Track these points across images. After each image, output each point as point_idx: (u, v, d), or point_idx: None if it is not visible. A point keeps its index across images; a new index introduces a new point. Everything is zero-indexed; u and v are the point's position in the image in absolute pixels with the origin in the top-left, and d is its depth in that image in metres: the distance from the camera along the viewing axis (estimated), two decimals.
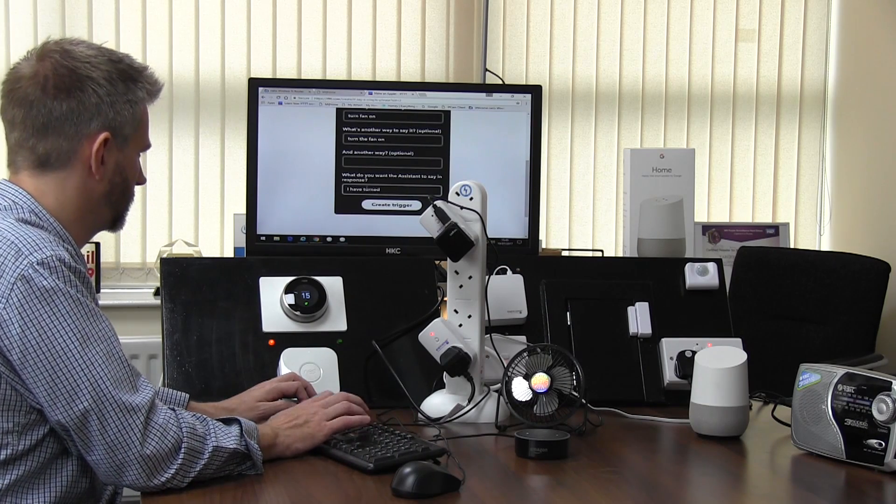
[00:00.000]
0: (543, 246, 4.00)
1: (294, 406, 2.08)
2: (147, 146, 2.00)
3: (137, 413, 1.75)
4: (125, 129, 1.91)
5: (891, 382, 1.93)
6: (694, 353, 2.29)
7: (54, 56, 1.88)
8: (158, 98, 1.99)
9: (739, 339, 2.44)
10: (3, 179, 1.92)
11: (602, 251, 4.13)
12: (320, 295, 2.40)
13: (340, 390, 2.29)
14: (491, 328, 2.32)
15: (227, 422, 1.88)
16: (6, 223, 1.81)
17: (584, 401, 2.17)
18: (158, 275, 2.49)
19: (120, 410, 1.75)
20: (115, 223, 2.00)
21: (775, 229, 3.95)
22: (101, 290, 3.88)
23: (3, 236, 1.79)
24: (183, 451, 1.77)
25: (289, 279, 2.41)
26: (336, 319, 2.42)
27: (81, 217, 1.92)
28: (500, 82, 4.02)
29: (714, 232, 3.89)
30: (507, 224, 2.83)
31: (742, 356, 2.19)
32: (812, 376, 2.06)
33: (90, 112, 1.88)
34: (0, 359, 1.76)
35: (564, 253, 3.93)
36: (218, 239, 4.12)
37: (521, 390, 2.17)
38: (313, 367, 2.32)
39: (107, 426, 1.74)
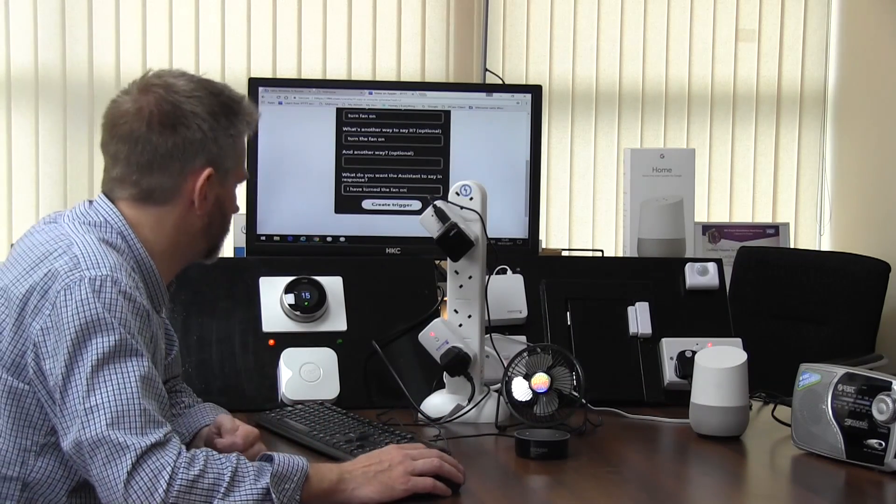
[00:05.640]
0: (543, 246, 4.00)
1: (379, 450, 1.83)
2: (244, 177, 1.97)
3: (125, 452, 1.62)
4: (226, 163, 1.88)
5: (891, 382, 1.93)
6: (694, 353, 2.29)
7: (157, 90, 1.83)
8: (255, 129, 1.96)
9: (739, 339, 2.44)
10: (102, 195, 1.86)
11: (602, 251, 4.12)
12: (320, 295, 2.40)
13: (340, 390, 2.30)
14: (491, 328, 2.32)
15: (264, 459, 1.71)
16: (86, 238, 1.77)
17: (584, 401, 2.17)
18: None
19: (107, 446, 1.63)
20: (209, 254, 1.95)
21: (775, 229, 3.94)
22: None
23: (72, 250, 1.74)
24: None
25: (289, 279, 2.41)
26: (336, 319, 2.42)
27: (175, 251, 1.88)
28: (500, 82, 4.02)
29: (714, 232, 3.89)
30: (507, 224, 2.83)
31: (742, 356, 2.19)
32: (812, 376, 2.05)
33: (195, 148, 1.83)
34: (35, 367, 1.70)
35: (564, 253, 3.93)
36: None
37: (521, 390, 2.17)
38: (313, 367, 2.32)
39: (94, 459, 1.64)
